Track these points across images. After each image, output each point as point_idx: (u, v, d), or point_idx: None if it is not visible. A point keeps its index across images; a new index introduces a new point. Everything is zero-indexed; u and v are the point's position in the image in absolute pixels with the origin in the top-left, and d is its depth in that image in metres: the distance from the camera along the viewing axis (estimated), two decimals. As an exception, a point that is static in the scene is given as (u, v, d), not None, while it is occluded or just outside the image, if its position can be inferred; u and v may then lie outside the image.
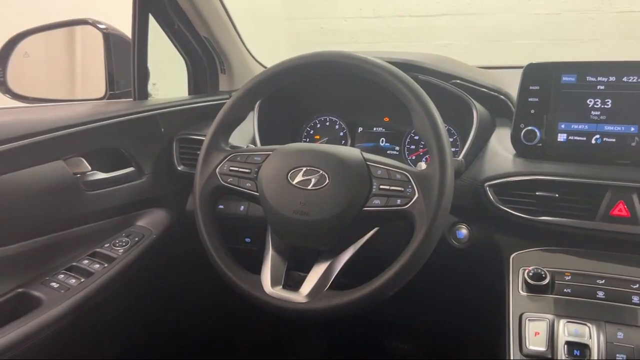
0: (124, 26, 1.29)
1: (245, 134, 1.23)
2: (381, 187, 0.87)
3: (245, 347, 1.61)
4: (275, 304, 0.89)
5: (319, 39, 3.65)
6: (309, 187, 0.89)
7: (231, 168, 0.96)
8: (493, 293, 0.97)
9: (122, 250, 1.11)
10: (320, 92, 1.30)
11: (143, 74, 1.28)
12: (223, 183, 0.96)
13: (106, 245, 1.12)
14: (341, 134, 1.33)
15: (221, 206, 1.22)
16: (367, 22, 3.56)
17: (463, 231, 1.06)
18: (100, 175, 1.14)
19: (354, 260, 0.92)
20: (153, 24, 1.30)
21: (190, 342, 1.47)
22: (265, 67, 1.54)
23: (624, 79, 0.94)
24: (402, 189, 0.86)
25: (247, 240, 1.24)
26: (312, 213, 0.88)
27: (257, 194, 0.93)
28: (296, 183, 0.90)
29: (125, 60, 1.29)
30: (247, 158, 0.96)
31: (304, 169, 0.91)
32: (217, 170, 0.96)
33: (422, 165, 0.91)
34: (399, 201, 0.85)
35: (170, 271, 1.28)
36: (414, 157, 1.27)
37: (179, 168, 1.28)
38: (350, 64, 0.93)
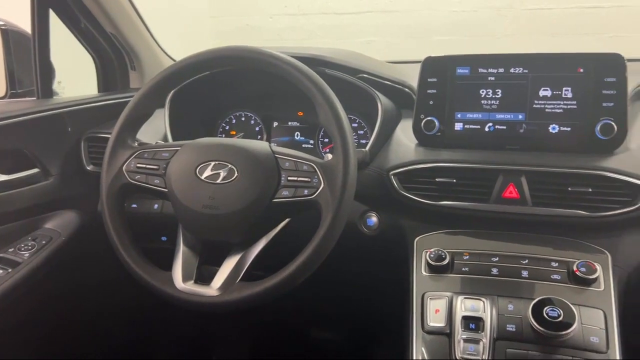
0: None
1: (158, 130, 1.22)
2: (289, 178, 0.89)
3: (170, 346, 1.59)
4: (187, 298, 0.89)
5: (244, 37, 3.64)
6: (218, 181, 0.89)
7: (138, 165, 0.95)
8: (401, 276, 1.02)
9: (27, 254, 1.07)
10: (235, 87, 1.31)
11: (46, 72, 1.23)
12: (130, 180, 0.94)
13: (10, 249, 1.08)
14: (257, 129, 1.34)
15: (134, 205, 1.20)
16: (293, 20, 3.58)
17: (373, 219, 1.10)
18: (1, 178, 1.09)
19: (267, 252, 0.94)
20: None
21: (111, 345, 1.43)
22: (177, 62, 1.52)
23: (511, 70, 1.01)
24: (309, 180, 0.88)
25: (163, 238, 1.23)
26: (222, 207, 0.89)
27: (166, 190, 0.93)
28: (205, 178, 0.90)
29: (28, 58, 1.24)
30: (155, 154, 0.95)
31: (213, 163, 0.91)
32: (124, 167, 0.95)
33: (329, 156, 0.94)
34: (306, 191, 0.88)
35: (85, 273, 1.25)
36: (327, 150, 1.30)
37: (88, 168, 1.24)
38: (256, 59, 0.94)
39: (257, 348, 1.65)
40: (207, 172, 0.91)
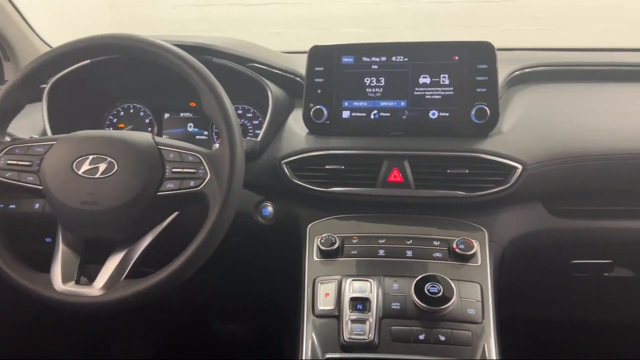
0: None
1: (36, 125, 1.15)
2: (174, 170, 0.88)
3: (68, 350, 1.51)
4: (67, 300, 0.85)
5: (147, 28, 3.48)
6: (97, 176, 0.86)
7: (9, 162, 0.90)
8: (298, 263, 1.03)
9: None
10: (123, 76, 1.25)
11: None
12: (0, 179, 0.89)
13: None
14: (147, 121, 1.29)
15: (12, 206, 1.12)
16: (198, 11, 3.49)
17: (268, 208, 1.11)
18: None
19: (156, 247, 0.91)
20: None
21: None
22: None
23: (393, 58, 1.04)
24: (195, 171, 0.87)
25: (48, 239, 1.16)
26: (102, 202, 0.86)
27: (41, 187, 0.88)
28: (82, 172, 0.87)
29: None
30: (28, 150, 0.91)
31: (91, 157, 0.88)
32: None
33: (216, 146, 0.93)
34: (192, 183, 0.87)
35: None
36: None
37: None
38: (135, 47, 0.91)
39: (161, 346, 1.61)
40: (85, 167, 0.87)
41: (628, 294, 1.29)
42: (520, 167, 0.98)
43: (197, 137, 1.28)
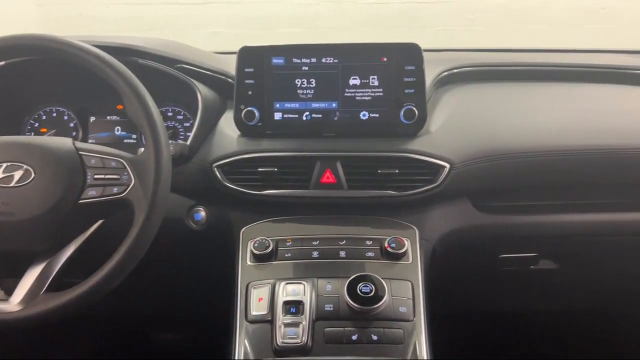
0: None
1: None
2: (96, 176, 0.85)
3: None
4: None
5: (77, 27, 3.36)
6: (12, 185, 0.83)
7: None
8: (232, 268, 1.02)
9: None
10: (42, 79, 1.19)
11: None
12: None
13: None
14: (71, 125, 1.23)
15: None
16: (133, 9, 3.39)
17: (201, 213, 1.08)
18: None
19: (81, 256, 0.88)
20: None
21: None
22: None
23: (323, 59, 1.04)
24: (118, 177, 0.85)
25: None
26: (18, 212, 0.82)
27: None
28: None
29: None
30: None
31: (5, 164, 0.84)
32: None
33: (142, 150, 0.90)
34: (115, 189, 0.84)
35: None
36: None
37: None
38: (51, 48, 0.88)
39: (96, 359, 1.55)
40: None
41: (552, 285, 1.35)
42: (447, 165, 1.01)
43: (125, 140, 1.24)
